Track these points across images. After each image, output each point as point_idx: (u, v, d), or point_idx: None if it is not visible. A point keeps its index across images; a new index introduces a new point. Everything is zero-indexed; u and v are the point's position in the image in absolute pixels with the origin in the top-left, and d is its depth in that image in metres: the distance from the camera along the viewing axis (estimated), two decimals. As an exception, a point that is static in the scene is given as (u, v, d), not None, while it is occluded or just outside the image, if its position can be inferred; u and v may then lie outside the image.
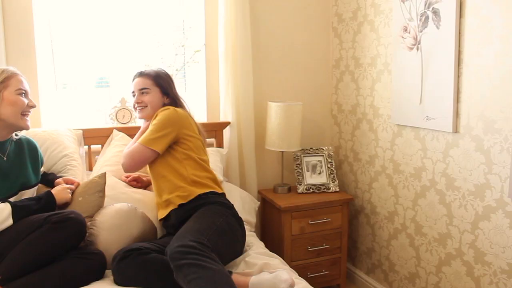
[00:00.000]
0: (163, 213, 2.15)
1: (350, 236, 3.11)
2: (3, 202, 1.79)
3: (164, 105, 2.31)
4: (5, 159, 1.91)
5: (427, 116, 2.35)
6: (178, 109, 2.22)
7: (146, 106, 2.28)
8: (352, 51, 2.98)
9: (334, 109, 3.24)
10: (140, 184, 2.40)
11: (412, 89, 2.44)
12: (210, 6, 2.91)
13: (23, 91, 1.92)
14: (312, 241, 2.80)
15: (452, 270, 2.30)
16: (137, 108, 2.31)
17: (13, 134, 1.99)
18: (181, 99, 2.37)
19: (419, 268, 2.52)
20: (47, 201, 1.92)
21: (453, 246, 2.28)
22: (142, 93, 2.29)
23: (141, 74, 2.32)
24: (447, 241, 2.31)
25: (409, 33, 2.42)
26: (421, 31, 2.34)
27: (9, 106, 1.86)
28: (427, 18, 2.30)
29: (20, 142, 2.04)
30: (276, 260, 1.99)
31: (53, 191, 1.98)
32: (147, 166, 2.23)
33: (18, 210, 1.77)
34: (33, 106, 1.96)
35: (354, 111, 3.01)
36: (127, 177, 2.37)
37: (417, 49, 2.38)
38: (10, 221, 1.74)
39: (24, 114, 1.92)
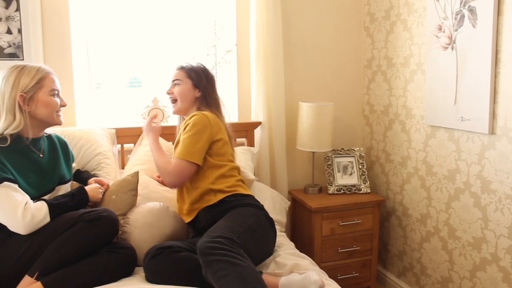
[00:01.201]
0: (187, 218, 2.17)
1: (381, 238, 3.07)
2: (38, 200, 1.84)
3: (196, 98, 2.30)
4: (41, 155, 1.96)
5: (462, 117, 2.30)
6: (206, 113, 2.19)
7: (176, 99, 2.30)
8: (384, 50, 2.94)
9: (365, 109, 3.20)
10: None
11: (447, 90, 2.39)
12: (241, 7, 2.92)
13: (56, 91, 1.96)
14: (342, 242, 2.78)
15: (487, 275, 2.24)
16: (170, 101, 2.35)
17: (44, 131, 2.04)
18: (216, 96, 2.35)
19: (452, 272, 2.47)
20: (80, 198, 1.96)
21: (489, 251, 2.22)
22: (174, 84, 2.31)
23: (179, 67, 2.35)
24: (482, 245, 2.25)
25: (444, 32, 2.37)
26: (456, 30, 2.29)
27: (43, 108, 1.90)
28: (462, 16, 2.25)
29: (51, 138, 2.09)
30: (306, 261, 1.99)
31: (86, 188, 2.02)
32: None
33: (54, 208, 1.82)
34: (64, 105, 2.00)
35: (386, 111, 2.97)
36: (159, 176, 2.41)
37: (452, 48, 2.33)
38: (47, 219, 1.78)
39: (57, 112, 1.97)
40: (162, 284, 1.76)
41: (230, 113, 2.96)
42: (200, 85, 2.30)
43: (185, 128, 2.15)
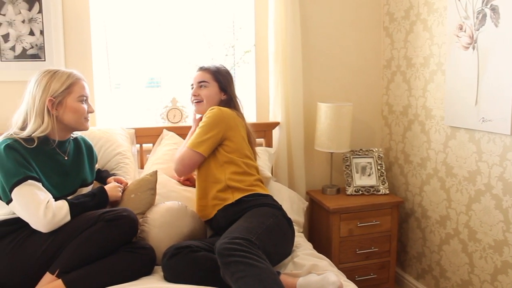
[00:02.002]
0: (205, 217, 2.19)
1: (399, 240, 3.04)
2: (60, 199, 1.87)
3: (221, 101, 2.32)
4: (66, 158, 1.99)
5: (483, 117, 2.27)
6: (224, 109, 2.21)
7: (202, 101, 2.30)
8: (404, 51, 2.92)
9: (384, 110, 3.18)
10: (191, 183, 2.44)
11: (467, 90, 2.35)
12: (260, 7, 2.92)
13: (85, 97, 1.99)
14: (360, 243, 2.76)
15: (509, 279, 2.20)
16: (194, 102, 2.33)
17: (71, 134, 2.08)
18: (237, 99, 2.37)
19: (473, 275, 2.43)
20: (100, 198, 1.98)
21: (510, 254, 2.18)
22: (200, 86, 2.31)
23: (202, 68, 2.34)
24: (504, 248, 2.22)
25: (465, 31, 2.34)
26: (478, 30, 2.26)
27: (71, 113, 1.94)
28: (484, 15, 2.22)
29: (77, 141, 2.12)
30: (324, 262, 1.98)
31: (106, 188, 2.05)
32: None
33: (75, 207, 1.84)
34: (91, 112, 2.03)
35: (405, 112, 2.94)
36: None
37: (473, 48, 2.30)
38: (68, 218, 1.81)
39: (84, 118, 2.00)
40: (180, 284, 1.77)
41: (248, 114, 2.99)
42: (227, 88, 2.33)
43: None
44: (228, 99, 2.33)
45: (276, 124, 2.91)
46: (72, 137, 2.09)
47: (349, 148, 2.88)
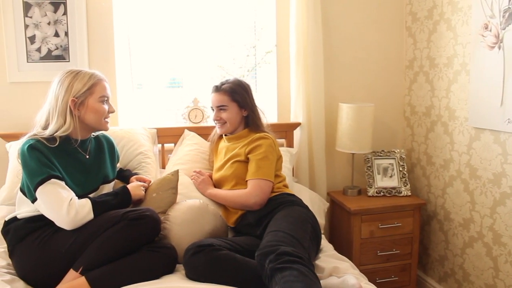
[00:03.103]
0: (235, 217, 2.22)
1: (421, 242, 3.01)
2: (83, 197, 1.90)
3: (243, 118, 2.37)
4: (87, 157, 2.02)
5: (508, 118, 2.23)
6: (271, 136, 2.30)
7: (226, 122, 2.34)
8: (427, 51, 2.88)
9: (407, 111, 3.14)
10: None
11: (492, 91, 2.31)
12: (281, 7, 2.92)
13: (106, 98, 2.02)
14: (381, 245, 2.74)
15: (534, 283, 2.16)
16: (217, 124, 2.39)
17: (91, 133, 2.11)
18: (257, 109, 2.41)
19: (498, 280, 2.39)
20: (123, 197, 2.00)
21: (536, 258, 2.14)
22: (220, 109, 2.34)
23: (217, 90, 2.35)
24: (530, 252, 2.18)
25: (490, 31, 2.30)
26: (504, 29, 2.22)
27: (92, 113, 1.96)
28: (511, 14, 2.17)
29: (98, 139, 2.15)
30: (346, 264, 1.96)
31: (129, 187, 2.07)
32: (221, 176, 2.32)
33: (97, 206, 1.86)
34: (112, 112, 2.06)
35: (428, 113, 2.90)
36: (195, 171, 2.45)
37: (499, 48, 2.26)
38: (91, 216, 1.83)
39: (105, 118, 2.03)
40: (201, 282, 1.78)
41: (270, 114, 2.99)
42: (246, 105, 2.35)
43: (251, 149, 2.24)
44: (249, 113, 2.37)
45: (297, 125, 2.91)
46: (93, 135, 2.12)
47: (371, 149, 2.86)
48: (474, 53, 2.43)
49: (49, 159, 1.83)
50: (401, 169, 2.91)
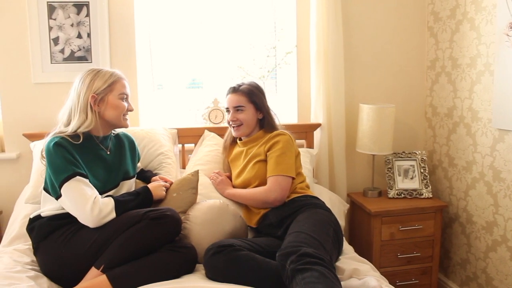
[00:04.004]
0: (257, 217, 2.22)
1: (442, 245, 2.97)
2: (104, 194, 1.93)
3: (258, 120, 2.36)
4: (108, 153, 2.05)
5: (534, 120, 2.18)
6: (287, 132, 2.29)
7: (242, 124, 2.33)
8: (449, 51, 2.84)
9: (428, 112, 3.11)
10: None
11: (518, 91, 2.27)
12: (301, 8, 2.91)
13: (125, 95, 2.05)
14: (402, 248, 2.71)
15: (560, 288, 2.11)
16: (233, 126, 2.36)
17: (112, 131, 2.14)
18: (271, 112, 2.40)
19: (522, 283, 2.35)
20: (145, 197, 2.03)
21: (562, 262, 2.09)
22: (237, 110, 2.33)
23: (235, 90, 2.35)
24: (555, 256, 2.13)
25: (516, 31, 2.26)
26: (530, 29, 2.18)
27: (111, 110, 2.00)
28: (537, 15, 2.13)
29: (119, 136, 2.19)
30: (366, 266, 1.95)
31: (150, 187, 2.09)
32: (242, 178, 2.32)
33: (120, 205, 1.89)
34: (131, 110, 2.09)
35: (450, 114, 2.86)
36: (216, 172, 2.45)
37: (525, 48, 2.21)
38: (113, 215, 1.86)
39: (124, 115, 2.06)
40: (221, 282, 1.78)
41: (290, 115, 2.99)
42: (262, 107, 2.35)
43: (270, 146, 2.24)
44: (265, 116, 2.37)
45: (317, 126, 2.90)
46: (114, 133, 2.16)
47: (392, 151, 2.83)
48: (498, 53, 2.39)
49: (73, 156, 1.86)
50: (422, 170, 2.88)
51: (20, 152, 2.73)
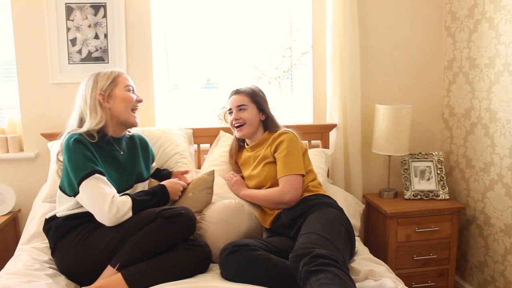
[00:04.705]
0: (270, 218, 2.22)
1: (459, 247, 2.93)
2: (122, 195, 1.94)
3: (261, 122, 2.37)
4: (122, 153, 2.07)
5: (554, 121, 2.15)
6: (290, 131, 2.30)
7: (244, 123, 2.34)
8: (467, 51, 2.81)
9: (445, 112, 3.07)
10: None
11: (538, 92, 2.24)
12: (317, 8, 2.90)
13: (131, 87, 2.09)
14: (418, 249, 2.69)
15: None
16: (235, 125, 2.37)
17: (126, 131, 2.16)
18: (273, 116, 2.41)
19: (541, 287, 2.31)
20: (161, 196, 2.04)
21: None
22: (240, 109, 2.34)
23: (238, 92, 2.38)
24: None
25: (536, 31, 2.23)
26: (550, 29, 2.14)
27: (121, 102, 2.03)
28: (557, 14, 2.10)
29: (133, 138, 2.21)
30: (382, 267, 1.93)
31: (167, 185, 2.10)
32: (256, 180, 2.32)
33: (137, 204, 1.91)
34: (140, 101, 2.12)
35: (467, 114, 2.83)
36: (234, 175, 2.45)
37: (545, 48, 2.18)
38: (130, 214, 1.87)
39: (133, 109, 2.09)
40: (236, 281, 1.78)
41: (305, 115, 2.98)
42: (265, 108, 2.37)
43: (276, 147, 2.25)
44: (267, 118, 2.38)
45: (333, 126, 2.89)
46: (128, 134, 2.18)
47: (408, 151, 2.81)
48: (517, 53, 2.36)
49: (92, 153, 1.89)
50: (439, 172, 2.85)
51: (38, 152, 2.77)
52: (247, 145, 2.44)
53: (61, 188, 1.96)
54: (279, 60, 2.97)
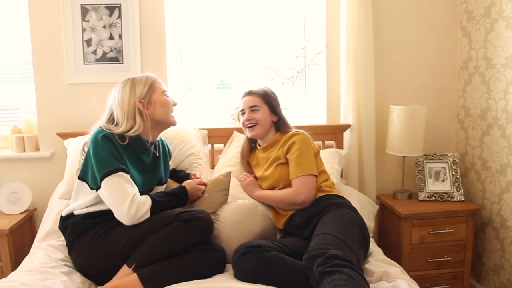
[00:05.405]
0: (284, 219, 2.22)
1: (475, 250, 2.90)
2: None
3: (273, 123, 2.38)
4: (157, 154, 2.10)
5: None
6: (302, 131, 2.30)
7: (257, 124, 2.34)
8: (483, 51, 2.78)
9: (460, 113, 3.04)
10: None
11: (556, 92, 2.20)
12: (331, 8, 2.90)
13: (166, 92, 2.11)
14: (432, 251, 2.66)
15: None
16: (248, 126, 2.37)
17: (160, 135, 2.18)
18: (285, 118, 2.41)
19: (558, 291, 2.27)
20: (181, 198, 2.05)
21: None
22: (252, 110, 2.35)
23: (250, 93, 2.39)
24: None
25: (554, 30, 2.19)
26: None
27: (160, 108, 2.04)
28: None
29: (162, 142, 2.23)
30: (396, 269, 1.91)
31: (187, 186, 2.11)
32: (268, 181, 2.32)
33: (156, 205, 1.92)
34: (176, 104, 2.14)
35: (483, 115, 2.80)
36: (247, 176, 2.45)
37: None
38: (148, 215, 1.88)
39: (171, 112, 2.10)
40: (249, 282, 1.78)
41: (319, 115, 2.98)
42: (277, 110, 2.38)
43: (288, 149, 2.25)
44: (279, 120, 2.38)
45: (347, 127, 2.88)
46: (159, 139, 2.19)
47: (422, 152, 2.79)
48: (535, 53, 2.32)
49: (119, 152, 1.90)
50: (454, 173, 2.82)
51: (54, 151, 2.80)
52: (259, 146, 2.44)
53: (81, 178, 1.95)
54: (292, 61, 2.97)
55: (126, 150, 1.94)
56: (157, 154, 2.09)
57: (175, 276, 1.79)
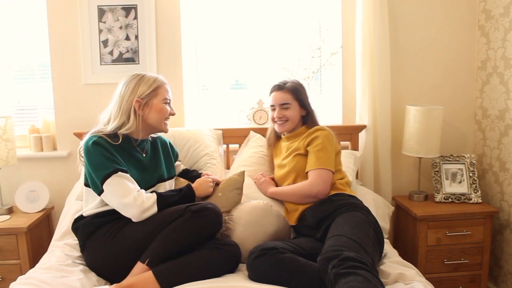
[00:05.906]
0: (295, 215, 2.21)
1: (492, 253, 2.85)
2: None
3: (302, 117, 2.39)
4: (144, 155, 2.10)
5: None
6: (327, 128, 2.31)
7: (287, 120, 2.36)
8: (501, 50, 2.74)
9: (478, 114, 3.00)
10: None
11: None
12: (347, 8, 2.88)
13: (168, 100, 2.11)
14: (449, 254, 2.63)
15: None
16: (278, 122, 2.39)
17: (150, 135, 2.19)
18: (313, 110, 2.42)
19: None
20: (186, 193, 2.07)
21: None
22: (283, 107, 2.36)
23: (280, 88, 2.39)
24: None
25: None
26: None
27: (155, 113, 2.05)
28: None
29: (154, 140, 2.23)
30: (412, 271, 1.89)
31: (195, 184, 2.13)
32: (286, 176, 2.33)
33: (161, 199, 1.94)
34: (173, 114, 2.14)
35: (502, 116, 2.76)
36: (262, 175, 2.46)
37: None
38: (155, 209, 1.90)
39: (165, 119, 2.11)
40: (264, 283, 1.78)
41: (334, 116, 2.96)
42: (306, 104, 2.39)
43: (310, 141, 2.27)
44: (307, 113, 2.40)
45: (362, 127, 2.86)
46: (151, 137, 2.21)
47: (439, 153, 2.76)
48: (555, 53, 2.28)
49: (113, 154, 1.91)
50: (471, 174, 2.78)
51: (71, 151, 2.84)
52: (283, 134, 2.47)
53: (87, 185, 1.99)
54: (308, 61, 2.96)
55: (119, 150, 1.97)
56: (143, 155, 2.09)
57: (189, 272, 1.80)
